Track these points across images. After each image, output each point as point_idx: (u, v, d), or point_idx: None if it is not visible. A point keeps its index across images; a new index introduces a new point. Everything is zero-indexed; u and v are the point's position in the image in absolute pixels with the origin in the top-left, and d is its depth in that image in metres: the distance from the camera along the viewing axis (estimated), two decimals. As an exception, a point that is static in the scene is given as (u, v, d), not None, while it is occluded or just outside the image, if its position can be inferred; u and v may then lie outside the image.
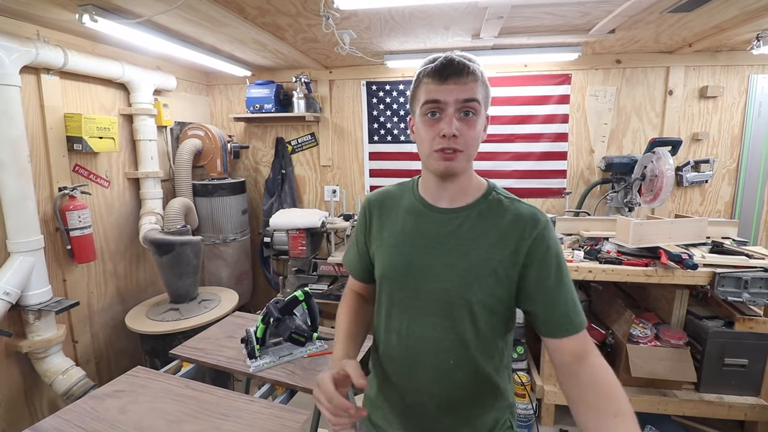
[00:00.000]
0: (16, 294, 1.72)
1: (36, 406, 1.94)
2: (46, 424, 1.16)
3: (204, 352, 1.55)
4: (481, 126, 0.79)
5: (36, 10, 1.69)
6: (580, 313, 0.77)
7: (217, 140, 2.74)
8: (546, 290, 0.77)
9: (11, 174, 1.71)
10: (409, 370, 0.84)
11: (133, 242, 2.48)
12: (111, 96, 2.31)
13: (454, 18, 1.83)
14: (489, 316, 0.79)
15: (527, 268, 0.77)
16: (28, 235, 1.77)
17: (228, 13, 1.69)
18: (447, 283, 0.79)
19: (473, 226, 0.81)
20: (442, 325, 0.80)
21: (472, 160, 0.81)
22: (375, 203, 0.93)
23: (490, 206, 0.82)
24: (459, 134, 0.75)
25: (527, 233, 0.78)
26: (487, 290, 0.78)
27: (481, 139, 0.80)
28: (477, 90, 0.76)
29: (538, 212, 0.81)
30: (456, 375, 0.81)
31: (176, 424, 1.15)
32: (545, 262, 0.77)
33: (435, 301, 0.80)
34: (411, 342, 0.82)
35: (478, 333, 0.79)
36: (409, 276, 0.82)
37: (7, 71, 1.67)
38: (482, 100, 0.78)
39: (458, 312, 0.78)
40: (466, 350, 0.80)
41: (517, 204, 0.83)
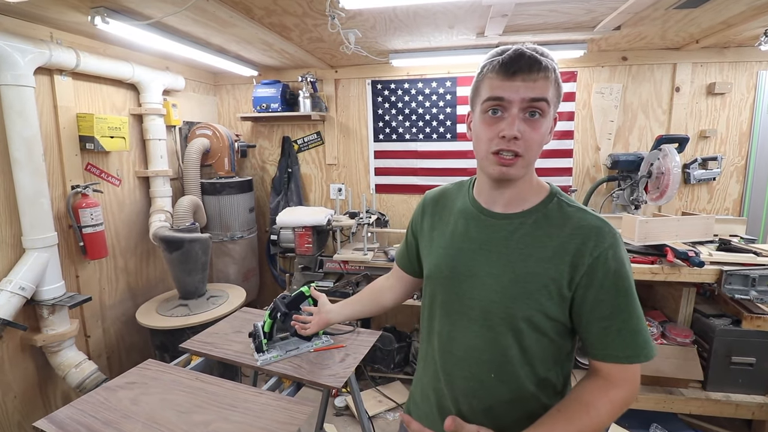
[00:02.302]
0: (31, 289, 1.77)
1: (50, 398, 1.99)
2: (62, 414, 1.20)
3: (213, 346, 1.58)
4: (546, 128, 0.72)
5: (50, 13, 1.73)
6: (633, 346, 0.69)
7: (225, 139, 2.78)
8: (599, 315, 0.69)
9: (26, 172, 1.76)
10: (448, 375, 0.81)
11: (143, 239, 2.53)
12: (121, 96, 2.36)
13: (459, 16, 1.84)
14: (538, 335, 0.73)
15: (584, 289, 0.70)
16: (43, 231, 1.82)
17: (235, 14, 1.72)
18: (491, 293, 0.74)
19: (526, 235, 0.74)
20: (484, 336, 0.75)
21: (533, 165, 0.74)
22: (431, 201, 0.92)
23: (548, 214, 0.75)
24: (521, 137, 0.69)
25: (588, 250, 0.69)
26: (535, 307, 0.71)
27: (545, 142, 0.73)
28: (548, 88, 0.69)
29: (605, 226, 0.71)
30: (498, 389, 0.76)
31: (186, 414, 1.18)
32: (604, 285, 0.69)
33: (477, 310, 0.75)
34: (452, 348, 0.79)
35: (525, 351, 0.73)
36: (454, 280, 0.78)
37: (21, 72, 1.72)
38: (552, 100, 0.70)
39: (500, 326, 0.73)
40: (511, 366, 0.74)
41: (582, 214, 0.73)
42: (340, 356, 1.50)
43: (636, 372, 0.71)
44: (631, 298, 0.70)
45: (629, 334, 0.69)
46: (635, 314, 0.70)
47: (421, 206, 0.95)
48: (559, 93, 0.72)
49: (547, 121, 0.71)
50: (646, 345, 0.70)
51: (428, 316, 0.86)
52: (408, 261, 0.98)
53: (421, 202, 0.95)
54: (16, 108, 1.73)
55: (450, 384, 0.81)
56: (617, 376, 0.70)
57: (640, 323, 0.70)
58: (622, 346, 0.69)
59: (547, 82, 0.69)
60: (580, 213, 0.74)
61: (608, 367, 0.71)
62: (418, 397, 0.93)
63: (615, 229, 0.72)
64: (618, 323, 0.69)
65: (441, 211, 0.88)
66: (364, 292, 1.14)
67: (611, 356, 0.70)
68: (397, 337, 2.67)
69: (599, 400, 0.69)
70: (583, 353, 1.93)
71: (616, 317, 0.69)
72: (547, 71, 0.69)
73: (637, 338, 0.69)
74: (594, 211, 0.76)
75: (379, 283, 1.12)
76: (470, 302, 0.76)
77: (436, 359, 0.84)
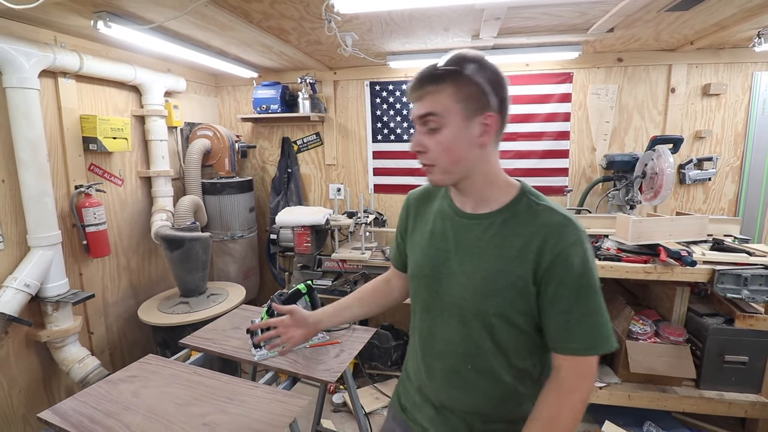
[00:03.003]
0: (36, 286, 1.81)
1: (54, 392, 2.04)
2: (65, 406, 1.25)
3: (212, 342, 1.62)
4: (460, 134, 0.72)
5: (54, 17, 1.78)
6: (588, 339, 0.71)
7: (226, 140, 2.82)
8: (556, 307, 0.72)
9: (31, 172, 1.81)
10: (429, 367, 0.85)
11: (145, 238, 2.58)
12: (124, 98, 2.41)
13: (453, 19, 1.88)
14: (510, 328, 0.76)
15: (545, 285, 0.72)
16: (47, 230, 1.87)
17: (234, 18, 1.76)
18: (464, 291, 0.77)
19: (496, 235, 0.76)
20: (460, 331, 0.79)
21: (459, 171, 0.76)
22: (414, 202, 0.95)
23: (517, 213, 0.77)
24: (424, 149, 0.75)
25: (548, 244, 0.71)
26: (505, 303, 0.74)
27: (471, 147, 0.74)
28: (437, 101, 0.71)
29: (570, 224, 0.73)
30: (476, 380, 0.80)
31: (185, 406, 1.23)
32: (564, 281, 0.71)
33: (454, 307, 0.79)
34: (432, 342, 0.84)
35: (498, 344, 0.77)
36: (433, 279, 0.82)
37: (27, 75, 1.77)
38: (451, 109, 0.71)
39: (473, 321, 0.77)
40: (485, 358, 0.78)
41: (549, 212, 0.75)
42: (335, 352, 1.53)
43: (592, 365, 0.73)
44: (592, 294, 0.72)
45: (588, 327, 0.71)
46: (596, 310, 0.72)
47: (405, 207, 0.98)
48: (469, 93, 0.71)
49: (453, 127, 0.72)
50: (602, 338, 0.71)
51: (412, 312, 0.91)
52: (401, 261, 1.00)
53: (405, 203, 0.98)
54: (22, 110, 1.77)
55: (431, 375, 0.85)
56: (573, 371, 0.73)
57: (600, 318, 0.72)
58: (580, 339, 0.72)
59: (437, 95, 0.71)
60: (548, 211, 0.75)
61: (567, 361, 0.73)
62: (404, 386, 0.98)
63: (580, 227, 0.74)
64: (577, 317, 0.71)
65: (422, 211, 0.91)
66: (366, 293, 1.08)
67: (569, 348, 0.73)
68: (395, 335, 2.70)
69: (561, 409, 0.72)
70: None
71: (576, 311, 0.71)
72: (438, 83, 0.71)
73: (594, 332, 0.71)
74: (563, 209, 0.77)
75: (380, 284, 1.09)
76: (447, 300, 0.80)
77: (418, 352, 0.89)
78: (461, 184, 0.79)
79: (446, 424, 0.85)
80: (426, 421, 0.88)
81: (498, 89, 0.74)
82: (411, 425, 0.91)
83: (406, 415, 0.94)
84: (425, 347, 0.86)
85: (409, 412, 0.93)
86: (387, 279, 1.09)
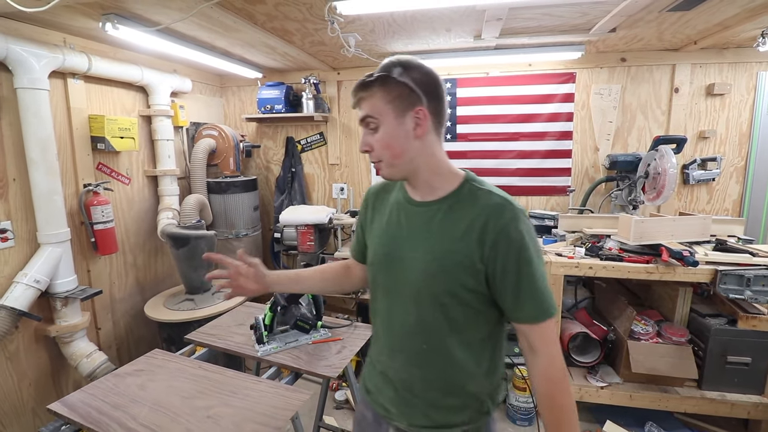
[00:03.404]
0: (46, 282, 1.86)
1: (62, 386, 2.09)
2: (74, 398, 1.28)
3: (216, 338, 1.65)
4: (396, 131, 0.81)
5: (63, 19, 1.82)
6: (536, 308, 0.79)
7: (231, 140, 2.86)
8: (506, 282, 0.79)
9: (41, 171, 1.85)
10: (389, 349, 0.92)
11: (151, 236, 2.62)
12: (131, 98, 2.45)
13: (455, 20, 1.89)
14: (462, 306, 0.82)
15: (492, 261, 0.79)
16: (57, 227, 1.91)
17: (239, 20, 1.79)
18: (417, 273, 0.83)
19: (443, 220, 0.83)
20: (415, 312, 0.85)
21: (403, 164, 0.84)
22: (373, 195, 1.01)
23: (461, 198, 0.84)
24: (369, 148, 0.84)
25: (490, 224, 0.78)
26: (454, 282, 0.80)
27: (408, 140, 0.82)
28: (371, 105, 0.81)
29: (507, 203, 0.80)
30: (432, 358, 0.86)
31: (190, 399, 1.25)
32: (506, 255, 0.78)
33: (408, 289, 0.85)
34: (392, 324, 0.90)
35: (452, 322, 0.83)
36: (389, 264, 0.89)
37: (37, 76, 1.81)
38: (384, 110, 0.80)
39: (427, 301, 0.83)
40: (440, 336, 0.84)
41: (488, 195, 0.83)
42: (336, 348, 1.56)
43: (552, 329, 0.81)
44: (534, 265, 0.79)
45: (534, 296, 0.79)
46: (538, 278, 0.79)
47: (365, 201, 1.04)
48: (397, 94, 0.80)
49: (389, 126, 0.81)
50: (550, 304, 0.80)
51: (373, 298, 0.96)
52: (360, 252, 1.05)
53: (365, 196, 1.05)
54: (32, 110, 1.81)
55: (391, 355, 0.91)
56: (534, 335, 0.81)
57: (541, 284, 0.79)
58: (532, 307, 0.79)
59: (370, 100, 0.81)
60: (487, 194, 0.83)
61: (526, 328, 0.81)
62: (368, 370, 1.02)
63: (517, 205, 0.81)
64: (525, 288, 0.79)
65: (380, 204, 0.98)
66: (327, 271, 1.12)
67: (525, 318, 0.80)
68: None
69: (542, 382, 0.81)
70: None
71: (522, 283, 0.78)
72: (369, 89, 0.81)
73: (540, 299, 0.79)
74: (501, 192, 0.84)
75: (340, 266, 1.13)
76: (403, 283, 0.86)
77: (380, 335, 0.95)
78: (410, 177, 0.86)
79: (406, 404, 0.90)
80: (387, 402, 0.93)
81: (425, 86, 0.81)
82: (375, 407, 0.96)
83: (370, 398, 0.99)
84: (386, 330, 0.92)
85: (373, 395, 0.98)
86: (346, 265, 1.13)
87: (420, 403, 0.88)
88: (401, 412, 0.90)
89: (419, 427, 0.88)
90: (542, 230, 2.55)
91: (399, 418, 0.91)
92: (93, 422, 1.17)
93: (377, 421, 0.96)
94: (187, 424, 1.15)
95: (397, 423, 0.91)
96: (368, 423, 0.99)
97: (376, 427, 0.96)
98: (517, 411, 2.23)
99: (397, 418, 0.91)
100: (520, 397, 2.22)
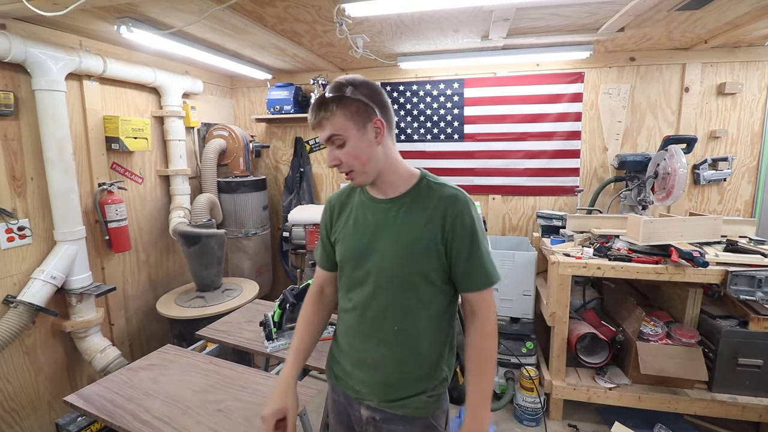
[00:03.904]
0: (62, 278, 1.91)
1: (77, 380, 2.14)
2: (89, 390, 1.32)
3: (226, 334, 1.68)
4: (361, 142, 0.91)
5: (79, 22, 1.87)
6: (483, 277, 0.94)
7: (240, 140, 2.90)
8: (460, 257, 0.93)
9: (58, 170, 1.90)
10: (363, 336, 1.00)
11: (163, 235, 2.67)
12: (144, 99, 2.50)
13: (462, 21, 1.90)
14: (428, 284, 0.94)
15: (450, 241, 0.93)
16: (72, 225, 1.96)
17: (249, 22, 1.83)
18: (389, 261, 0.94)
19: (408, 211, 0.96)
20: (388, 296, 0.95)
21: (372, 170, 0.94)
22: (336, 203, 1.09)
23: (420, 193, 0.97)
24: (338, 161, 0.93)
25: (449, 212, 0.93)
26: (422, 263, 0.93)
27: (371, 148, 0.92)
28: (334, 124, 0.90)
29: (458, 193, 0.96)
30: (401, 339, 0.96)
31: (201, 393, 1.29)
32: (461, 236, 0.92)
33: (382, 276, 0.95)
34: (364, 311, 0.98)
35: (419, 301, 0.95)
36: (361, 257, 0.98)
37: (55, 78, 1.86)
38: (346, 126, 0.90)
39: (400, 283, 0.94)
40: (411, 315, 0.96)
41: (442, 188, 0.97)
42: (344, 345, 1.57)
43: (490, 294, 0.96)
44: (480, 243, 0.94)
45: (482, 267, 0.94)
46: (483, 254, 0.94)
47: (328, 209, 1.10)
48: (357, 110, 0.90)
49: (354, 139, 0.90)
50: (493, 274, 0.95)
51: (345, 290, 1.03)
52: (328, 260, 1.10)
53: (327, 204, 1.11)
54: (50, 111, 1.87)
55: (364, 341, 1.00)
56: (478, 301, 0.95)
57: (486, 259, 0.94)
58: (477, 277, 0.94)
59: (330, 120, 0.90)
60: (442, 187, 0.97)
61: (472, 296, 0.95)
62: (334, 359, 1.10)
63: (467, 196, 0.97)
64: (473, 263, 0.93)
65: (344, 208, 1.06)
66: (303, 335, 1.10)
67: (472, 286, 0.94)
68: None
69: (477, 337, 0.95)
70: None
71: (472, 258, 0.93)
72: (329, 109, 0.89)
73: (487, 269, 0.94)
74: (452, 184, 0.98)
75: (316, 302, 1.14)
76: (378, 271, 0.96)
77: (352, 325, 1.02)
78: (377, 179, 0.97)
79: (377, 383, 0.99)
80: (358, 384, 1.02)
81: (374, 98, 0.92)
82: (346, 390, 1.05)
83: (339, 383, 1.07)
84: (358, 319, 1.00)
85: (342, 380, 1.06)
86: (320, 291, 1.14)
87: (389, 379, 0.98)
88: (372, 392, 1.00)
89: (389, 401, 0.98)
90: (550, 230, 2.55)
91: (370, 396, 1.00)
92: (108, 414, 1.20)
93: (348, 402, 1.05)
94: (198, 417, 1.18)
95: (368, 402, 1.01)
96: (341, 405, 1.08)
97: (348, 407, 1.06)
98: (524, 411, 2.23)
99: (368, 396, 1.00)
100: (527, 397, 2.22)
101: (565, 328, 2.16)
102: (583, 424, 2.21)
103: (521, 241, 2.77)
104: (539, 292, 2.46)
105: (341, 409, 1.08)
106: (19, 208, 1.85)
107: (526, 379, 2.23)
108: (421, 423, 0.99)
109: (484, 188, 2.97)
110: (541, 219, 2.63)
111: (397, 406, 0.98)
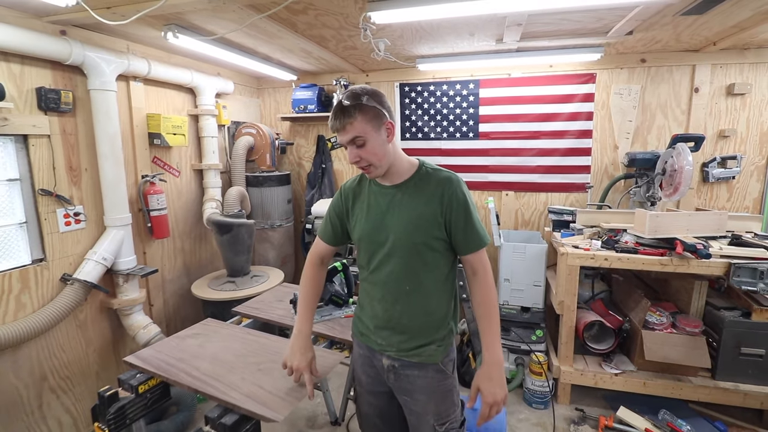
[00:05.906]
0: (111, 260, 2.12)
1: (121, 354, 2.35)
2: (145, 353, 1.51)
3: (259, 311, 1.86)
4: (377, 141, 1.10)
5: (129, 29, 2.06)
6: (478, 240, 1.14)
7: (267, 137, 3.09)
8: (458, 227, 1.14)
9: (110, 163, 2.11)
10: (382, 294, 1.20)
11: (197, 224, 2.88)
12: (181, 99, 2.71)
13: (478, 26, 2.04)
14: (431, 251, 1.15)
15: (448, 215, 1.13)
16: (120, 212, 2.17)
17: (283, 28, 2.00)
18: (398, 233, 1.15)
19: (412, 193, 1.16)
20: (400, 263, 1.16)
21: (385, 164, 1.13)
22: (350, 189, 1.28)
23: (421, 177, 1.18)
24: (360, 158, 1.11)
25: (445, 192, 1.13)
26: (426, 234, 1.14)
27: (385, 146, 1.11)
28: (357, 127, 1.07)
29: (451, 176, 1.16)
30: (412, 297, 1.17)
31: (242, 357, 1.46)
32: (457, 209, 1.13)
33: (394, 247, 1.16)
34: (382, 276, 1.19)
35: (426, 264, 1.16)
36: (376, 234, 1.18)
37: (107, 79, 2.07)
38: (366, 128, 1.07)
39: (409, 251, 1.15)
40: (419, 276, 1.16)
41: (438, 172, 1.17)
42: (366, 322, 1.73)
43: (484, 255, 1.17)
44: (472, 213, 1.15)
45: (475, 233, 1.15)
46: (475, 222, 1.15)
47: (342, 195, 1.30)
48: (375, 114, 1.08)
49: (372, 140, 1.09)
50: (484, 236, 1.16)
51: (366, 262, 1.24)
52: (333, 236, 1.32)
53: (341, 192, 1.31)
54: (103, 109, 2.08)
55: (382, 302, 1.21)
56: (476, 261, 1.16)
57: (479, 225, 1.16)
58: (473, 240, 1.15)
59: (353, 125, 1.07)
60: (437, 172, 1.18)
61: (471, 257, 1.16)
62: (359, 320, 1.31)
63: (459, 177, 1.18)
64: (468, 230, 1.14)
65: (357, 195, 1.26)
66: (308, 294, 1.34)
67: (470, 248, 1.15)
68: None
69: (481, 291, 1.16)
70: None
71: (467, 226, 1.14)
72: (352, 116, 1.06)
73: (479, 233, 1.15)
74: (445, 169, 1.19)
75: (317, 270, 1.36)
76: (388, 244, 1.16)
77: (372, 292, 1.23)
78: (387, 170, 1.16)
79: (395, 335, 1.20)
80: (380, 338, 1.23)
81: (384, 104, 1.11)
82: (370, 344, 1.26)
83: (363, 339, 1.28)
84: (377, 285, 1.21)
85: (365, 336, 1.27)
86: (320, 261, 1.36)
87: (406, 331, 1.19)
88: (390, 343, 1.20)
89: (405, 350, 1.19)
90: (561, 225, 2.66)
91: (389, 348, 1.21)
92: (164, 371, 1.39)
93: (372, 353, 1.26)
94: (242, 374, 1.35)
95: (388, 352, 1.21)
96: (365, 357, 1.29)
97: (371, 358, 1.27)
98: (533, 394, 2.35)
99: (388, 348, 1.21)
100: (536, 381, 2.34)
101: (573, 316, 2.27)
102: (589, 409, 2.31)
103: (533, 235, 2.88)
104: (549, 283, 2.57)
105: (366, 361, 1.29)
106: (75, 196, 2.06)
107: (536, 364, 2.35)
108: (432, 368, 1.19)
109: (497, 184, 3.10)
110: (552, 214, 2.74)
111: (412, 355, 1.19)
